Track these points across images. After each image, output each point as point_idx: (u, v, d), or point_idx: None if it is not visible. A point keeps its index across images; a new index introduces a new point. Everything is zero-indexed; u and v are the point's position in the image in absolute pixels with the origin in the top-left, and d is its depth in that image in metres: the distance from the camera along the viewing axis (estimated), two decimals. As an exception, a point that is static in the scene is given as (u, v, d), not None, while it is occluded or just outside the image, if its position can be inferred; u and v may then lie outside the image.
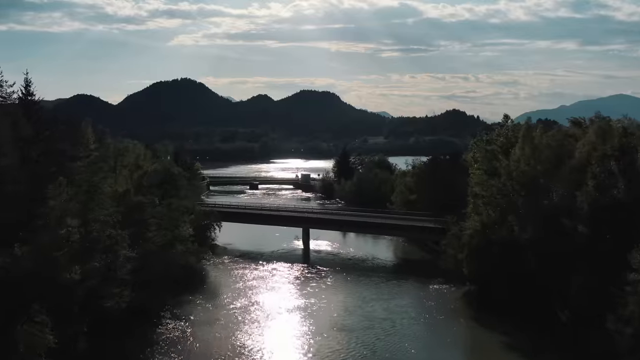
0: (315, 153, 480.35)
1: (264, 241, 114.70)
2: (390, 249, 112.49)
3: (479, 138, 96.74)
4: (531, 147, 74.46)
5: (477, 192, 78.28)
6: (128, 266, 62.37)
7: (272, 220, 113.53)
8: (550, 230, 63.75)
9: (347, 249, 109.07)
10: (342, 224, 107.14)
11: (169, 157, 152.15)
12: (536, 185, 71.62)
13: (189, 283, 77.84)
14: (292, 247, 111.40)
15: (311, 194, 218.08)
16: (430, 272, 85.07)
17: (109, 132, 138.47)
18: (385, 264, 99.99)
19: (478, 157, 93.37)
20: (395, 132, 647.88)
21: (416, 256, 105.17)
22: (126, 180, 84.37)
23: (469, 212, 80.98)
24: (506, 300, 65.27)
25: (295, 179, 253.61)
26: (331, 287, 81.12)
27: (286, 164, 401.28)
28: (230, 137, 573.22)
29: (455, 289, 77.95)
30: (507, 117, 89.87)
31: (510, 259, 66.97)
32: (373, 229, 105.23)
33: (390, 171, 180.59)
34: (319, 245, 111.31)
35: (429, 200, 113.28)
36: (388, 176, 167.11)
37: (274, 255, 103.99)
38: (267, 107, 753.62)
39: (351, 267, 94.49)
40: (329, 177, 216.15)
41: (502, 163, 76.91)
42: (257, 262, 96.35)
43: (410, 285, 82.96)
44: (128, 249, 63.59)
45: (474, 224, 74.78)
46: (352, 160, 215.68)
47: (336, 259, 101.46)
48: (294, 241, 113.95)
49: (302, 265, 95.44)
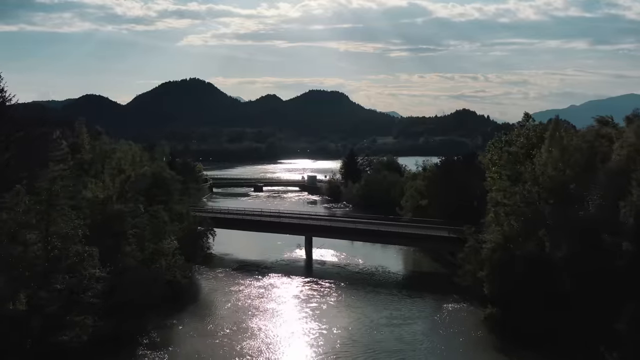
0: (324, 153, 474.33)
1: (264, 250, 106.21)
2: (400, 260, 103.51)
3: (497, 139, 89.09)
4: (559, 149, 65.87)
5: (498, 200, 69.27)
6: (98, 287, 54.00)
7: (273, 228, 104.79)
8: (586, 246, 54.92)
9: (353, 259, 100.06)
10: (347, 232, 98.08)
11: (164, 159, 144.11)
12: (566, 192, 62.91)
13: (175, 303, 69.17)
14: (293, 257, 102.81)
15: (318, 197, 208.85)
16: (445, 288, 76.18)
17: (104, 131, 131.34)
18: (395, 278, 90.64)
19: (496, 160, 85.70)
20: (404, 132, 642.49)
21: (429, 268, 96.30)
22: (107, 186, 76.45)
23: (487, 221, 72.26)
24: (536, 328, 56.26)
25: (302, 180, 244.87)
26: (335, 308, 71.94)
27: (293, 164, 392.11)
28: (238, 137, 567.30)
29: (474, 309, 68.80)
30: (527, 116, 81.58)
31: (539, 278, 58.17)
32: (381, 238, 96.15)
33: (399, 173, 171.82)
34: (323, 255, 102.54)
35: (441, 205, 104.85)
36: (397, 178, 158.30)
37: (274, 266, 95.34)
38: (276, 107, 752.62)
39: (357, 282, 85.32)
40: (336, 179, 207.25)
41: (526, 167, 68.06)
42: (254, 276, 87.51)
43: (423, 305, 73.68)
44: (99, 267, 55.27)
45: (495, 236, 65.78)
46: (360, 162, 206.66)
47: (341, 271, 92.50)
48: (296, 250, 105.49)
49: (303, 279, 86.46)
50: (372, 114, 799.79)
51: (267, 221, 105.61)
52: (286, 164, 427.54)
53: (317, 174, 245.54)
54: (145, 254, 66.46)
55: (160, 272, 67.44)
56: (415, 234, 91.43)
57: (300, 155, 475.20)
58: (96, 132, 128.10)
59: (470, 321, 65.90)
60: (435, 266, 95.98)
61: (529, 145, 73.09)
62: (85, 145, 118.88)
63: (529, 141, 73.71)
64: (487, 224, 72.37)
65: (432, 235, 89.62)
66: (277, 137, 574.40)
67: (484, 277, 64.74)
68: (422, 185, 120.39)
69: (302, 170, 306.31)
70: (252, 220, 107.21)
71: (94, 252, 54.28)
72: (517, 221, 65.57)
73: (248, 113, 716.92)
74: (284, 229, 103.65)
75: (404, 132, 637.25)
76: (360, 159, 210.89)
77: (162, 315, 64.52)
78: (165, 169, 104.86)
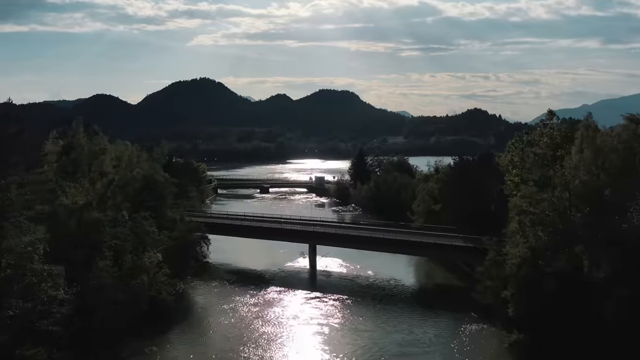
0: (334, 153, 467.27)
1: (265, 259, 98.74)
2: (412, 271, 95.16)
3: (518, 138, 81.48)
4: (592, 150, 57.97)
5: (523, 208, 61.14)
6: (61, 311, 46.45)
7: (274, 235, 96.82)
8: (630, 265, 47.00)
9: (360, 270, 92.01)
10: (354, 240, 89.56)
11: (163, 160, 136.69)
12: (601, 199, 55.01)
13: (158, 325, 61.42)
14: (296, 267, 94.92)
15: (326, 199, 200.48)
16: (462, 305, 67.95)
17: (100, 130, 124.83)
18: (407, 293, 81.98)
19: (516, 161, 78.08)
20: (415, 131, 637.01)
21: (443, 280, 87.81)
22: (87, 191, 69.20)
23: (510, 231, 64.23)
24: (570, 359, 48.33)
25: (310, 181, 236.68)
26: (339, 332, 63.62)
27: (303, 164, 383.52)
28: (247, 137, 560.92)
29: (497, 331, 60.71)
30: (551, 114, 73.91)
31: (574, 300, 50.32)
32: (391, 247, 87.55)
33: (410, 174, 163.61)
34: (328, 265, 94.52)
35: (455, 209, 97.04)
36: (408, 180, 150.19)
37: (274, 278, 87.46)
38: (286, 107, 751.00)
39: (365, 297, 76.92)
40: (345, 181, 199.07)
41: (555, 171, 60.05)
42: (252, 290, 79.58)
43: (438, 327, 65.11)
44: (64, 287, 47.75)
45: (521, 249, 57.63)
46: (370, 162, 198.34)
47: (347, 284, 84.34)
48: (300, 259, 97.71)
49: (305, 294, 78.45)
50: (382, 114, 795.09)
51: (267, 228, 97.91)
52: (295, 164, 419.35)
53: (325, 175, 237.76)
54: (124, 269, 58.90)
55: (142, 289, 59.87)
56: (428, 243, 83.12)
57: (309, 155, 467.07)
58: (93, 131, 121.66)
59: (493, 348, 57.80)
60: (450, 278, 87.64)
61: (553, 146, 65.60)
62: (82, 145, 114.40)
63: (552, 141, 66.30)
64: (509, 234, 64.42)
65: (446, 245, 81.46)
66: (287, 137, 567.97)
67: (509, 297, 56.74)
68: (434, 188, 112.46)
69: (311, 171, 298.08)
70: (251, 227, 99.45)
71: (57, 271, 46.70)
72: (545, 232, 57.64)
73: (258, 113, 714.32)
74: (285, 236, 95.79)
75: (415, 132, 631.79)
76: (370, 159, 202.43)
77: (141, 340, 56.54)
78: (158, 171, 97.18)
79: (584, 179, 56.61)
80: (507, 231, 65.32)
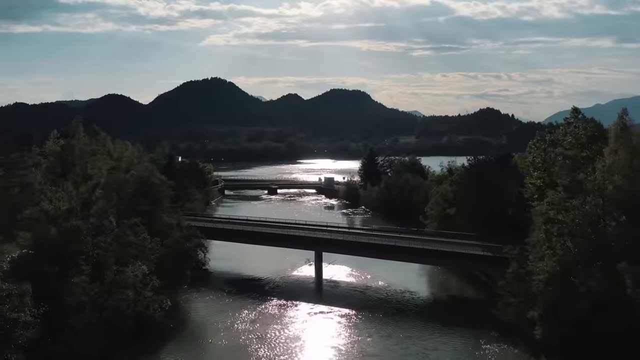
0: (345, 153, 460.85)
1: (269, 266, 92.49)
2: (425, 281, 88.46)
3: (540, 138, 75.57)
4: (628, 151, 51.75)
5: (550, 216, 54.65)
6: (26, 335, 40.67)
7: (277, 241, 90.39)
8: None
9: (368, 279, 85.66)
10: (363, 248, 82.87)
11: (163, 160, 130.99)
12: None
13: (143, 344, 55.43)
14: (301, 276, 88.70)
15: (335, 201, 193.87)
16: (482, 321, 61.49)
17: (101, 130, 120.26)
18: (420, 307, 75.05)
19: (538, 163, 72.20)
20: (427, 131, 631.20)
21: (460, 293, 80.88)
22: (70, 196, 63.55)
23: (534, 241, 57.90)
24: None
25: (319, 182, 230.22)
26: (344, 355, 57.78)
27: (313, 164, 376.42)
28: (257, 136, 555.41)
29: (520, 353, 54.38)
30: (576, 111, 68.46)
31: (612, 323, 43.97)
32: (402, 256, 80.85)
33: (422, 175, 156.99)
34: (335, 274, 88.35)
35: (471, 213, 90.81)
36: (421, 182, 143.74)
37: (276, 289, 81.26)
38: (297, 107, 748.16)
39: (374, 312, 70.08)
40: (354, 182, 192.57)
41: (588, 175, 53.61)
42: (252, 302, 73.42)
43: (455, 347, 58.67)
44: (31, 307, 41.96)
45: (549, 263, 51.16)
46: (381, 162, 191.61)
47: (355, 296, 77.85)
48: (305, 266, 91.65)
49: (310, 307, 71.99)
50: (394, 113, 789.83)
51: (270, 233, 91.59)
52: (305, 164, 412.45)
53: (336, 175, 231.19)
54: (106, 283, 52.97)
55: (125, 305, 53.82)
56: (443, 251, 76.67)
57: (320, 155, 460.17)
58: (94, 131, 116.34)
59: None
60: (466, 290, 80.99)
61: (578, 146, 59.55)
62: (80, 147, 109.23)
63: (577, 141, 60.54)
64: (532, 243, 58.12)
65: (463, 254, 74.96)
66: (297, 137, 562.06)
67: (536, 317, 50.38)
68: (448, 191, 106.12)
69: (321, 171, 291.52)
70: (253, 232, 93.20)
71: (21, 290, 40.92)
72: (575, 244, 51.29)
73: (269, 112, 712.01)
74: (289, 242, 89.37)
75: (427, 132, 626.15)
76: (381, 159, 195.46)
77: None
78: (154, 173, 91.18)
79: (619, 184, 50.47)
80: (531, 240, 59.16)
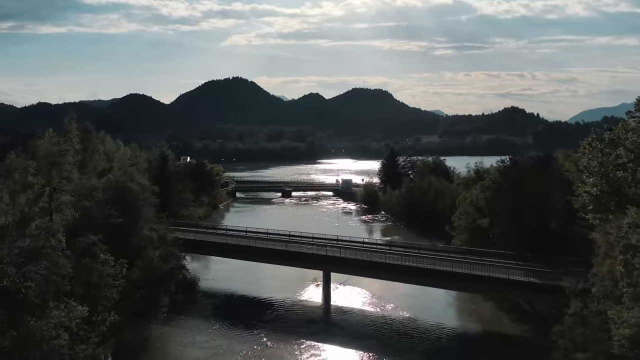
0: (366, 153, 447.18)
1: (269, 287, 79.41)
2: (455, 309, 73.59)
3: (596, 136, 61.16)
4: None
5: (631, 242, 40.05)
6: None
7: (279, 258, 76.36)
8: None
9: (386, 307, 71.38)
10: (379, 269, 67.73)
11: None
12: None
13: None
14: (306, 301, 74.53)
15: (354, 205, 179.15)
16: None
17: (93, 128, 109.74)
18: (451, 347, 60.31)
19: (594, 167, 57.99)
20: (450, 130, 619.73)
21: (498, 326, 65.41)
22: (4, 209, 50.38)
23: (601, 271, 43.67)
24: None
25: (336, 184, 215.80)
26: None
27: (333, 164, 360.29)
28: (276, 136, 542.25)
29: None
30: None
31: None
32: (428, 280, 66.29)
33: (447, 177, 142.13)
34: (346, 297, 74.47)
35: (508, 225, 76.63)
36: (446, 186, 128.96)
37: (276, 318, 67.28)
38: (318, 106, 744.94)
39: (394, 352, 56.36)
40: (374, 184, 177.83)
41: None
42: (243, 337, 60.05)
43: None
44: None
45: (637, 314, 36.54)
46: (402, 163, 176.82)
47: (370, 330, 63.40)
48: (312, 286, 78.07)
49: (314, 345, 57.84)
50: (416, 113, 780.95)
51: (269, 249, 77.39)
52: (325, 164, 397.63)
53: (355, 176, 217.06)
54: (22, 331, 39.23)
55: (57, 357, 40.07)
56: (475, 275, 62.03)
57: (341, 154, 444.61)
58: (85, 129, 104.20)
59: None
60: (506, 322, 65.42)
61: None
62: (74, 146, 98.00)
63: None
64: (601, 275, 43.82)
65: (501, 280, 60.35)
66: (317, 136, 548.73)
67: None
68: (480, 198, 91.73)
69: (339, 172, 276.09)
70: (249, 248, 78.96)
71: None
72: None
73: (290, 112, 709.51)
74: (292, 260, 75.31)
75: (450, 131, 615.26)
76: (402, 160, 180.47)
77: None
78: (134, 177, 77.72)
79: None
80: (597, 270, 44.94)
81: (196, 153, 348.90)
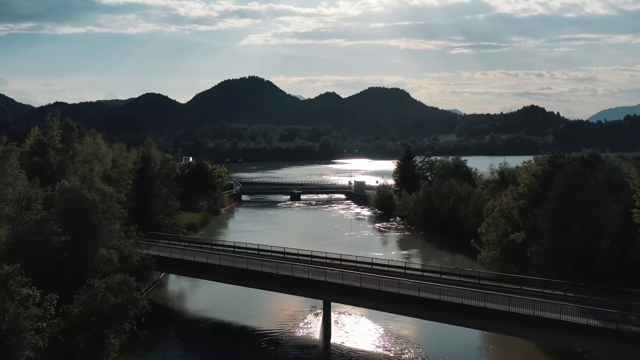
0: (382, 152, 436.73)
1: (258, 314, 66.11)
2: (485, 353, 58.36)
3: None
4: None
5: None
6: None
7: (268, 283, 61.68)
8: None
9: (400, 345, 56.95)
10: (390, 300, 52.90)
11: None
12: None
13: None
14: (302, 336, 59.88)
15: (367, 210, 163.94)
16: None
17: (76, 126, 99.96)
18: None
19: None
20: (468, 130, 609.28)
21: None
22: None
23: None
24: None
25: (348, 186, 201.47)
26: None
27: (348, 164, 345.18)
28: (290, 135, 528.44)
29: None
30: None
31: None
32: (451, 316, 51.43)
33: (470, 180, 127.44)
34: (348, 331, 60.10)
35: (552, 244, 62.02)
36: (469, 190, 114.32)
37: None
38: (335, 105, 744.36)
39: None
40: (388, 187, 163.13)
41: None
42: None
43: None
44: None
45: None
46: (419, 164, 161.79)
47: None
48: (310, 316, 64.20)
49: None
50: (433, 112, 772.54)
51: (257, 272, 62.60)
52: (340, 164, 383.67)
53: (370, 177, 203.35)
54: None
55: None
56: (514, 314, 47.30)
57: (356, 154, 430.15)
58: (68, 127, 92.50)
59: None
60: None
61: None
62: (56, 145, 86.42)
63: None
64: None
65: (550, 321, 45.67)
66: (332, 136, 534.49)
67: None
68: (512, 207, 77.29)
69: (354, 172, 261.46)
70: (232, 269, 64.59)
71: None
72: None
73: (306, 111, 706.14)
74: (285, 286, 60.69)
75: (468, 130, 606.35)
76: (419, 160, 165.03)
77: None
78: (95, 184, 64.09)
79: None
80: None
81: (208, 152, 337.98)
